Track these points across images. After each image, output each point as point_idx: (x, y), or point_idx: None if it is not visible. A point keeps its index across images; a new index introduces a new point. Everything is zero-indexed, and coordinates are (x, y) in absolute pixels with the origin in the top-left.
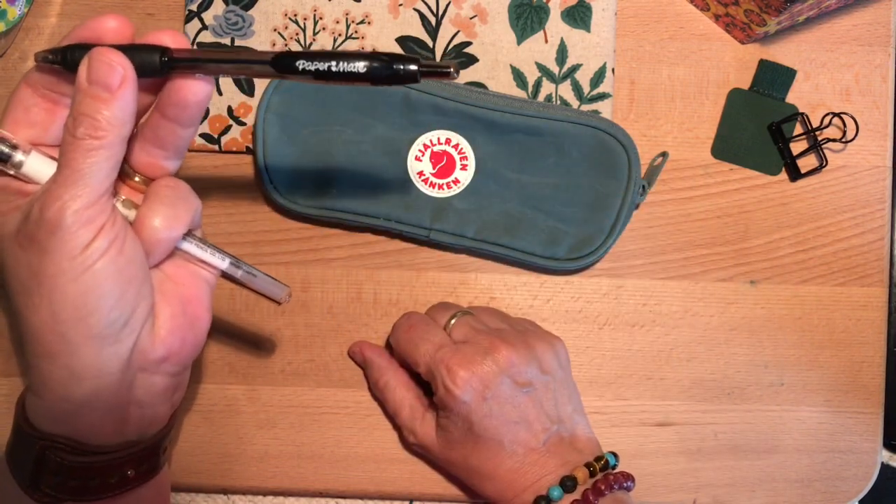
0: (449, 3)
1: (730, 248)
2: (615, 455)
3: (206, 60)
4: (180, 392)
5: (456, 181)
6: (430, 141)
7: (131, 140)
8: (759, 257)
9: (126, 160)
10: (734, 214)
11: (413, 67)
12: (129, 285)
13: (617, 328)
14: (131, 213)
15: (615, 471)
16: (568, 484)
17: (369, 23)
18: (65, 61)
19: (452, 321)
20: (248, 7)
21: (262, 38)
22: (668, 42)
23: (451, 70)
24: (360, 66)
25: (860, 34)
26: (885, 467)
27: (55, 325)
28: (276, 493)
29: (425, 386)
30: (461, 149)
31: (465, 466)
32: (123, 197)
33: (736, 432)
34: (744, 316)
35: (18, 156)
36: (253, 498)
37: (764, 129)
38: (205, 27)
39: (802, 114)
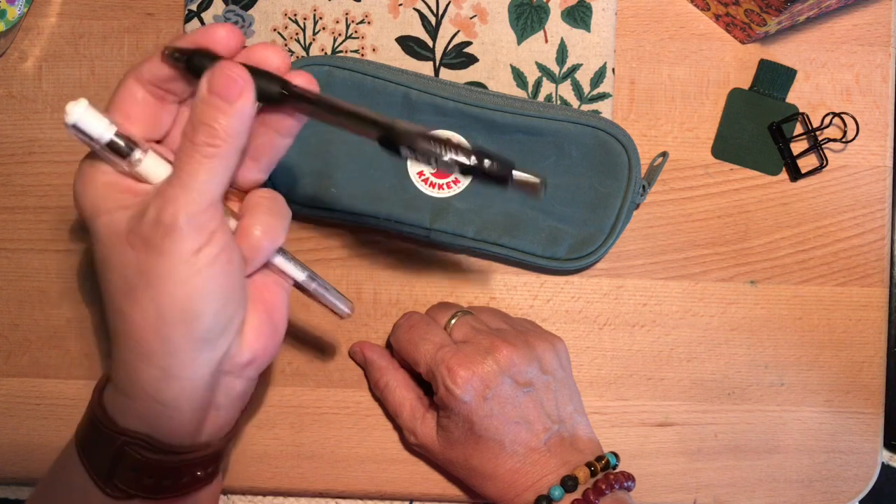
0: (449, 2)
1: (730, 248)
2: (616, 455)
3: (321, 106)
4: (248, 398)
5: (456, 181)
6: None
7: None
8: (759, 257)
9: None
10: (734, 214)
11: (505, 174)
12: (232, 293)
13: (617, 328)
14: (231, 222)
15: (616, 471)
16: (569, 483)
17: (369, 22)
18: (189, 64)
19: (453, 321)
20: (247, 7)
21: (262, 38)
22: (669, 42)
23: (539, 184)
24: (466, 160)
25: (860, 34)
26: (885, 468)
27: (159, 326)
28: (275, 494)
29: (426, 386)
30: None
31: (466, 466)
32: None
33: (736, 432)
34: (744, 316)
35: (137, 154)
36: (253, 498)
37: (764, 129)
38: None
39: (803, 114)
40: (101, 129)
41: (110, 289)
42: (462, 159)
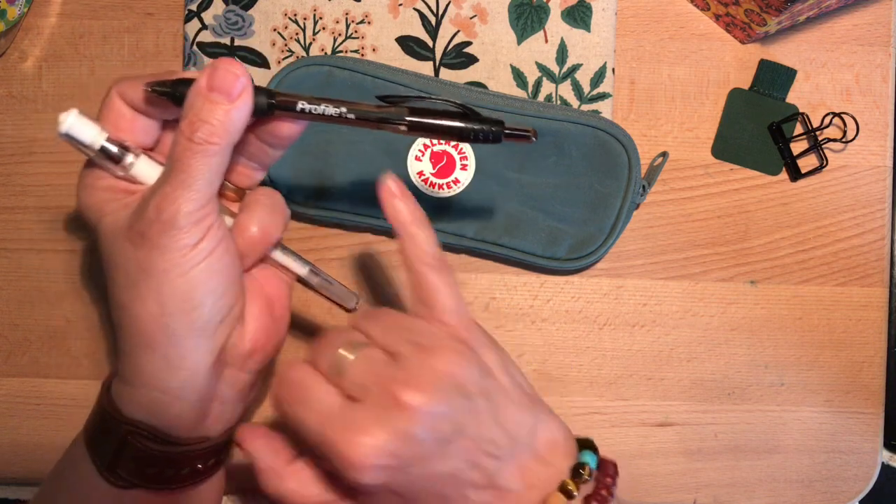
0: (449, 2)
1: (730, 248)
2: (592, 450)
3: (310, 115)
4: (254, 393)
5: (456, 181)
6: (431, 140)
7: None
8: (759, 257)
9: None
10: (734, 214)
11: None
12: (230, 284)
13: (617, 328)
14: (228, 220)
15: (593, 479)
16: None
17: (369, 22)
18: (173, 95)
19: (342, 363)
20: (247, 7)
21: (262, 38)
22: (669, 42)
23: (531, 133)
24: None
25: (861, 34)
26: (885, 468)
27: (161, 317)
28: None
29: None
30: (461, 148)
31: None
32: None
33: (736, 432)
34: (744, 316)
35: (129, 158)
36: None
37: (764, 129)
38: (204, 27)
39: (803, 114)
40: (93, 135)
41: (114, 285)
42: (455, 124)
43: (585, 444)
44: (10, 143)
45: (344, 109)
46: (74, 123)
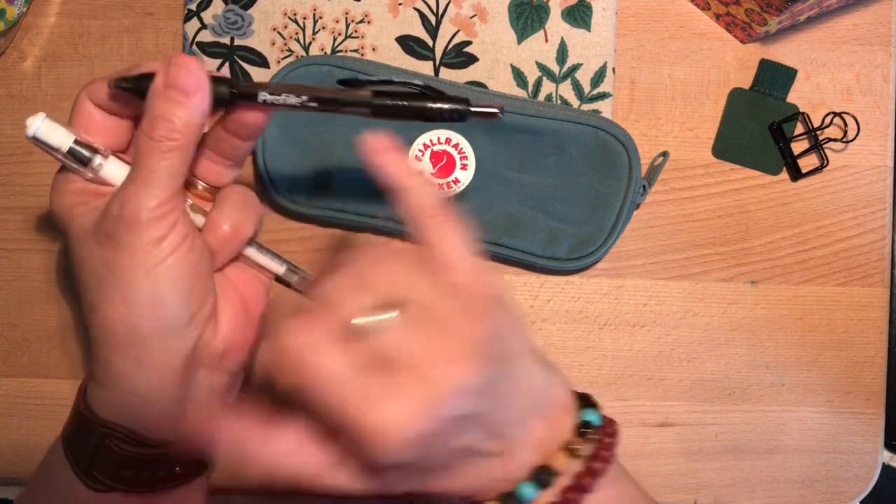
0: (449, 2)
1: (730, 248)
2: (593, 406)
3: (272, 105)
4: (233, 395)
5: (456, 181)
6: (430, 140)
7: (196, 150)
8: (759, 257)
9: (191, 170)
10: (735, 214)
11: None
12: (197, 281)
13: (617, 328)
14: (199, 218)
15: (597, 439)
16: (542, 477)
17: (369, 22)
18: (137, 89)
19: (373, 320)
20: (247, 6)
21: (262, 38)
22: (669, 41)
23: (498, 111)
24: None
25: (861, 33)
26: (886, 468)
27: (128, 317)
28: (275, 493)
29: None
30: (461, 148)
31: (421, 492)
32: (191, 202)
33: (737, 433)
34: (744, 316)
35: (98, 159)
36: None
37: (765, 129)
38: (204, 26)
39: (803, 113)
40: (60, 138)
41: (83, 287)
42: (420, 104)
43: (585, 401)
44: (10, 143)
45: (305, 98)
46: (41, 126)
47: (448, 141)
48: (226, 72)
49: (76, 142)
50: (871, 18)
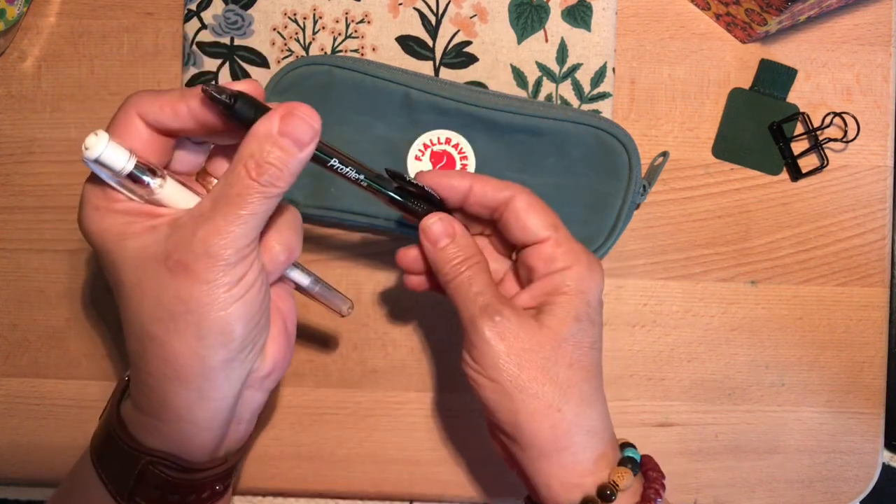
0: (449, 2)
1: (731, 248)
2: (632, 446)
3: (335, 172)
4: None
5: None
6: (430, 141)
7: (219, 149)
8: (760, 257)
9: (207, 166)
10: (735, 214)
11: None
12: (263, 312)
13: (617, 328)
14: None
15: (647, 473)
16: (607, 493)
17: (369, 22)
18: (230, 107)
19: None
20: (247, 6)
21: (262, 38)
22: (669, 41)
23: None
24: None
25: (861, 33)
26: (886, 468)
27: (198, 350)
28: (275, 494)
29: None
30: (461, 148)
31: (539, 410)
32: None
33: (737, 433)
34: (745, 316)
35: (157, 181)
36: (252, 499)
37: (765, 129)
38: (204, 26)
39: (803, 113)
40: (123, 161)
41: (140, 314)
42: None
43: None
44: (9, 143)
45: (362, 177)
46: (106, 151)
47: (448, 141)
48: (226, 72)
49: (137, 165)
50: (871, 18)
